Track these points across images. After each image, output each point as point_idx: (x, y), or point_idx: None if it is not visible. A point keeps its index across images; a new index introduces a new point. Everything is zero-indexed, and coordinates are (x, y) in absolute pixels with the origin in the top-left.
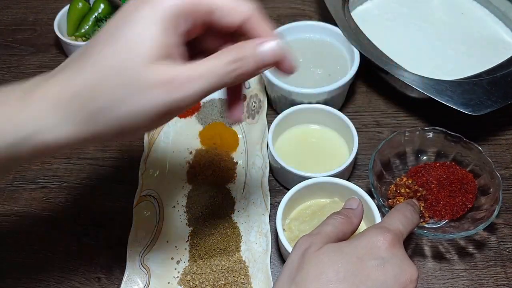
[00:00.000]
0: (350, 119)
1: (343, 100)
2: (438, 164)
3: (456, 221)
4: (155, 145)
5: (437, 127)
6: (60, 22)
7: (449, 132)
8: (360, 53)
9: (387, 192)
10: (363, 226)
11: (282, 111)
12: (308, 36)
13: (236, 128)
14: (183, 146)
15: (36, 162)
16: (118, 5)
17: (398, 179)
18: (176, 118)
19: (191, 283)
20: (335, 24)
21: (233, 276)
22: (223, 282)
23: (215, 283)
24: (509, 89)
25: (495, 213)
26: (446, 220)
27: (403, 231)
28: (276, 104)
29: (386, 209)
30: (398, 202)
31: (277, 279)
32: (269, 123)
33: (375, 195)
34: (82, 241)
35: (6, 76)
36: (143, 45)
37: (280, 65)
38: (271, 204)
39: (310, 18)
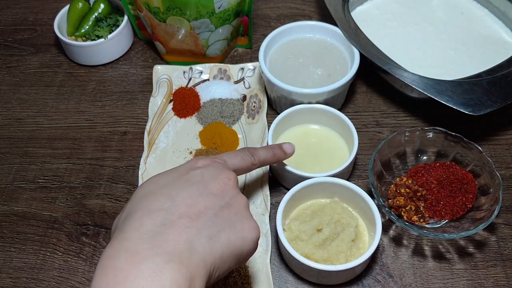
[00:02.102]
0: (350, 119)
1: (343, 100)
2: (438, 164)
3: (456, 221)
4: (155, 145)
5: (437, 127)
6: (60, 22)
7: (449, 132)
8: (360, 53)
9: (387, 192)
10: (362, 226)
11: (282, 111)
12: (308, 36)
13: (236, 128)
14: (183, 146)
15: (36, 162)
16: (118, 5)
17: (398, 179)
18: (176, 118)
19: None
20: (335, 24)
21: (233, 276)
22: (223, 282)
23: (215, 283)
24: (509, 89)
25: (495, 213)
26: (446, 220)
27: (226, 158)
28: (276, 104)
29: (386, 209)
30: (398, 202)
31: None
32: (269, 123)
33: (375, 195)
34: (82, 241)
35: (6, 76)
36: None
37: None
38: (271, 204)
39: (310, 18)
